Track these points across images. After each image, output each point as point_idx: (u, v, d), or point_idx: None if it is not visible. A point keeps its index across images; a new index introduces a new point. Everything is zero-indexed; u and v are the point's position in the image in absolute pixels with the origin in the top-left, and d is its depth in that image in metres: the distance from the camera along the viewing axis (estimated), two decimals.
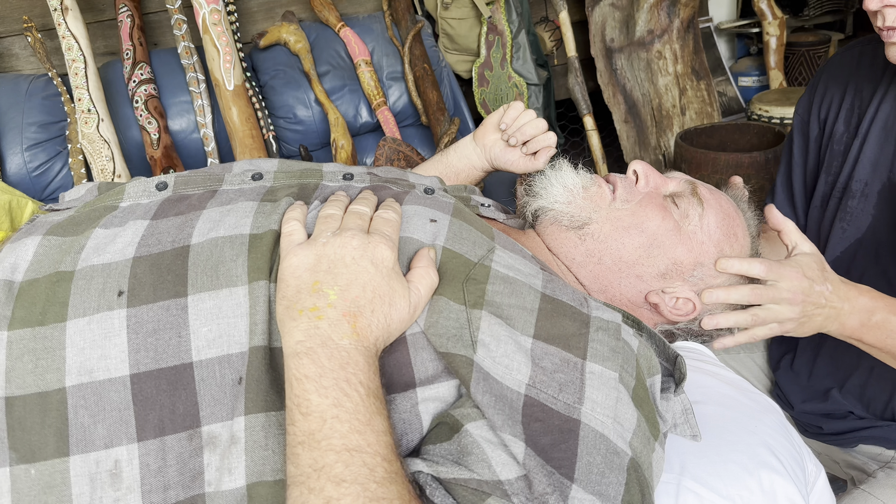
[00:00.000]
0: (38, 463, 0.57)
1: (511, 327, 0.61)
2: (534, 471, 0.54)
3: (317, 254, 0.60)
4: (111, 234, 0.66)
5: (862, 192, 1.02)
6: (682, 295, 0.80)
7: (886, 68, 1.01)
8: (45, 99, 1.82)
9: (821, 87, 1.11)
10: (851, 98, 1.05)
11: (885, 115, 1.00)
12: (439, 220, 0.69)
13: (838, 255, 1.05)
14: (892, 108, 0.99)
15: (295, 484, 0.51)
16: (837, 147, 1.07)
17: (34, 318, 0.60)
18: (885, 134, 1.00)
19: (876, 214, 1.01)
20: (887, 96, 1.00)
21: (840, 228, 1.05)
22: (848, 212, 1.04)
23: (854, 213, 1.03)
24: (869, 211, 1.02)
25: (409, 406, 0.59)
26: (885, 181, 1.00)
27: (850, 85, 1.06)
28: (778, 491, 0.67)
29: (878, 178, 1.00)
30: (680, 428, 0.67)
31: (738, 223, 0.84)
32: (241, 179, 0.76)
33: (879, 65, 1.03)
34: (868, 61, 1.05)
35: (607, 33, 2.53)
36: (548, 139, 0.99)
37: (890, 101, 1.00)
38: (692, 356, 0.85)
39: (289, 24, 2.03)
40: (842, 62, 1.09)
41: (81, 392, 0.58)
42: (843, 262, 1.05)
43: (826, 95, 1.09)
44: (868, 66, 0.91)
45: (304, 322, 0.56)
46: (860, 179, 1.02)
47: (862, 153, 1.02)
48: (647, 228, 0.79)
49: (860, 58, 1.06)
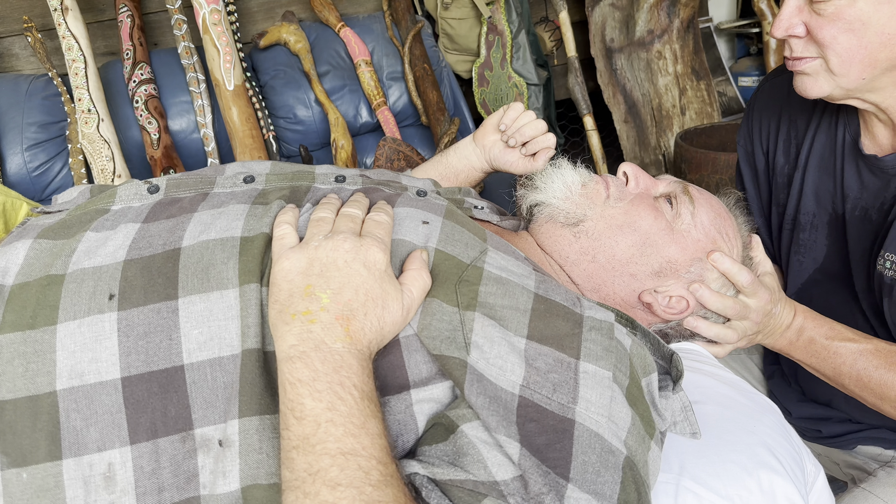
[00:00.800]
0: (29, 467, 0.57)
1: (504, 328, 0.61)
2: (529, 471, 0.54)
3: (309, 257, 0.60)
4: (102, 238, 0.66)
5: (812, 224, 1.02)
6: (675, 293, 0.80)
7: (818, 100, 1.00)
8: (46, 99, 1.82)
9: (756, 116, 1.10)
10: (787, 129, 1.04)
11: (820, 147, 0.99)
12: (432, 222, 0.69)
13: (800, 287, 1.06)
14: (827, 138, 0.99)
15: (290, 488, 0.51)
16: (781, 179, 1.06)
17: (24, 322, 0.60)
18: (823, 165, 0.99)
19: (829, 244, 1.01)
20: (821, 127, 0.99)
21: (797, 261, 1.05)
22: (801, 244, 1.04)
23: (807, 244, 1.04)
24: (822, 242, 1.02)
25: (403, 407, 0.59)
26: (831, 212, 0.99)
27: (784, 115, 1.05)
28: (777, 491, 0.67)
29: (824, 209, 1.00)
30: (679, 426, 0.67)
31: (730, 224, 0.85)
32: (233, 182, 0.75)
33: None
34: None
35: (607, 33, 2.53)
36: (547, 140, 0.99)
37: (823, 132, 0.99)
38: (691, 357, 0.85)
39: (289, 24, 2.03)
40: (772, 92, 1.08)
41: (73, 395, 0.58)
42: (806, 294, 1.05)
43: (762, 126, 1.08)
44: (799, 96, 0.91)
45: (296, 326, 0.56)
46: (807, 212, 1.02)
47: (805, 185, 1.01)
48: (640, 227, 0.79)
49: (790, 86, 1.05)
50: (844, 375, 0.87)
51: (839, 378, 0.88)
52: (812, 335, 0.88)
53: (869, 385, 0.86)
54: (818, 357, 0.88)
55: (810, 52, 0.83)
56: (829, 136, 0.98)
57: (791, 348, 0.89)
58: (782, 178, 1.06)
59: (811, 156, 1.00)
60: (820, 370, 0.89)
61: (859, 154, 0.94)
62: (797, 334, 0.88)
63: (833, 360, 0.87)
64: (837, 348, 0.87)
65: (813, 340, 0.88)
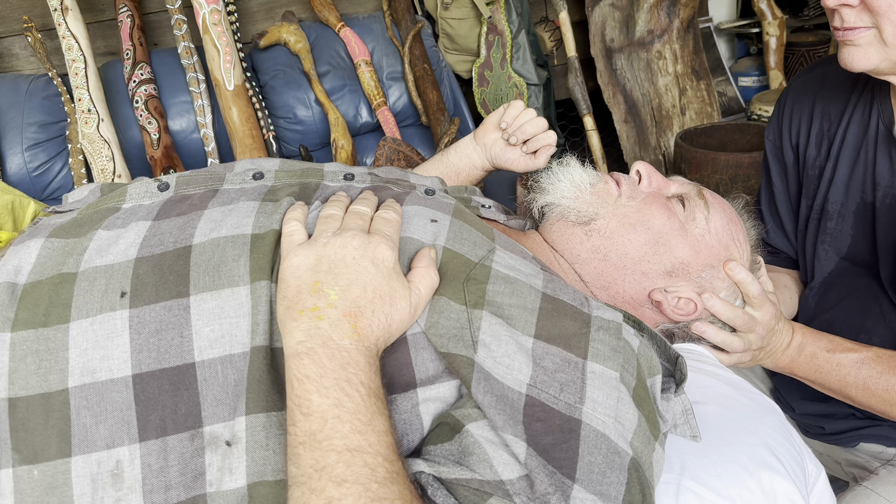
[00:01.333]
0: (40, 464, 0.57)
1: (512, 327, 0.61)
2: (535, 471, 0.54)
3: (317, 254, 0.60)
4: (114, 236, 0.66)
5: (839, 213, 1.03)
6: (684, 295, 0.80)
7: (852, 89, 1.00)
8: (45, 99, 1.82)
9: (787, 111, 1.10)
10: (819, 121, 1.05)
11: (853, 137, 0.99)
12: (440, 220, 0.69)
13: (826, 277, 1.06)
14: (860, 128, 0.99)
15: (296, 484, 0.51)
16: (812, 172, 1.07)
17: (37, 320, 0.61)
18: (855, 155, 0.99)
19: (854, 234, 1.02)
20: (854, 117, 0.99)
21: (823, 251, 1.06)
22: (828, 233, 1.05)
23: (833, 234, 1.04)
24: (847, 231, 1.02)
25: (409, 406, 0.59)
26: (859, 201, 1.00)
27: (816, 108, 1.05)
28: (778, 491, 0.67)
29: (852, 198, 1.01)
30: (680, 428, 0.67)
31: (740, 229, 0.86)
32: (243, 179, 0.76)
33: (844, 85, 1.01)
34: (832, 82, 1.04)
35: (607, 33, 2.53)
36: (548, 138, 0.99)
37: (857, 122, 0.99)
38: (692, 357, 0.85)
39: (289, 24, 2.03)
40: (804, 86, 1.08)
41: (84, 393, 0.58)
42: (831, 283, 1.05)
43: (793, 120, 1.08)
44: (832, 87, 0.89)
45: (304, 322, 0.56)
46: (835, 201, 1.02)
47: (835, 175, 1.01)
48: (653, 226, 0.79)
49: (823, 79, 1.04)
50: (850, 386, 0.88)
51: (846, 390, 0.88)
52: (813, 350, 0.88)
53: (876, 392, 0.86)
54: (822, 371, 0.89)
55: (863, 21, 0.81)
56: (861, 125, 0.98)
57: (794, 366, 0.90)
58: (813, 170, 1.06)
59: (844, 146, 1.00)
60: (826, 385, 0.90)
61: (892, 142, 0.94)
62: (798, 351, 0.89)
63: (837, 371, 0.88)
64: (840, 360, 0.87)
65: (815, 355, 0.88)
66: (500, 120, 1.03)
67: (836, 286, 1.03)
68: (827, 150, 1.03)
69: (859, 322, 1.01)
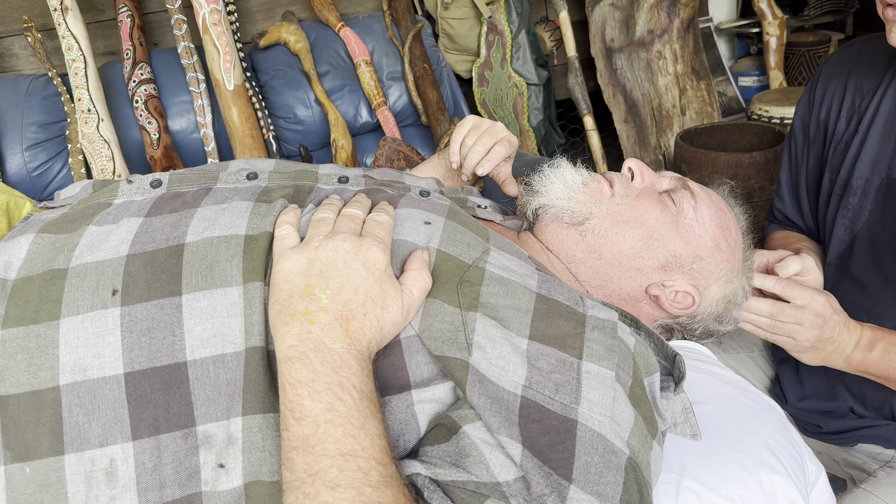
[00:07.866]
0: (32, 461, 0.57)
1: (506, 329, 0.60)
2: (531, 472, 0.54)
3: (308, 257, 0.60)
4: (105, 232, 0.66)
5: (862, 190, 1.02)
6: (681, 288, 0.80)
7: (888, 65, 1.00)
8: (45, 99, 1.82)
9: (820, 85, 1.10)
10: (852, 96, 1.05)
11: (886, 112, 0.99)
12: (434, 222, 0.69)
13: (841, 252, 1.06)
14: (892, 104, 0.99)
15: (290, 489, 0.51)
16: (839, 146, 1.06)
17: (28, 317, 0.60)
18: (886, 130, 0.99)
19: (872, 209, 1.01)
20: (888, 93, 0.99)
21: (842, 225, 1.06)
22: (849, 208, 1.04)
23: (854, 209, 1.04)
24: (866, 207, 1.02)
25: (404, 407, 0.59)
26: (884, 178, 1.00)
27: (850, 82, 1.05)
28: (778, 491, 0.67)
29: (878, 174, 1.00)
30: (680, 427, 0.67)
31: (729, 217, 0.86)
32: (236, 178, 0.75)
33: (880, 61, 1.02)
34: (868, 58, 1.04)
35: (607, 33, 2.53)
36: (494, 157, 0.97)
37: (891, 98, 0.99)
38: (692, 356, 0.85)
39: (289, 24, 2.03)
40: (840, 60, 1.09)
41: (75, 390, 0.58)
42: (843, 258, 1.05)
43: (826, 94, 1.09)
44: (868, 63, 0.89)
45: (296, 326, 0.56)
46: (860, 176, 1.02)
47: (863, 150, 1.01)
48: (647, 221, 0.79)
49: (859, 55, 1.05)
50: None
51: None
52: (885, 344, 0.88)
53: None
54: None
55: None
56: (894, 101, 0.98)
57: (867, 363, 0.90)
58: (840, 144, 1.06)
59: (875, 121, 1.00)
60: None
61: None
62: (869, 346, 0.89)
63: None
64: None
65: (887, 349, 0.88)
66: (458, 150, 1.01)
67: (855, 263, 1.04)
68: (857, 124, 1.03)
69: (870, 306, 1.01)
